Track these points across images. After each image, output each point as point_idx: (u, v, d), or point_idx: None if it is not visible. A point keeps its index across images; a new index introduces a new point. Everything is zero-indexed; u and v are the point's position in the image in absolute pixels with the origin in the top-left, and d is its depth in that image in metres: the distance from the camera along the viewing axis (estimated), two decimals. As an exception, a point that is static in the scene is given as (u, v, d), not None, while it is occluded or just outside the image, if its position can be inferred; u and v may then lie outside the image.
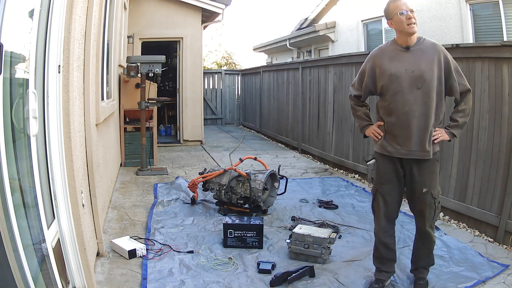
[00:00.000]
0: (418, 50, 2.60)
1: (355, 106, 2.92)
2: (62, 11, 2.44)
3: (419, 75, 2.55)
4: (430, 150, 2.58)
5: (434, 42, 2.65)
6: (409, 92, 2.56)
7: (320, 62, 7.35)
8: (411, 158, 2.61)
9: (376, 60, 2.71)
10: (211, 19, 9.40)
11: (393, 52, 2.66)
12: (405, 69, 2.58)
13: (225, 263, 3.19)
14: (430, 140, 2.58)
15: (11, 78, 1.81)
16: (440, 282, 2.88)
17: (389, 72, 2.62)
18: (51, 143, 2.33)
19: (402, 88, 2.58)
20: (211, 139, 9.79)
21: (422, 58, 2.57)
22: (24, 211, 1.87)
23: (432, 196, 2.63)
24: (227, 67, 21.47)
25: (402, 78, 2.57)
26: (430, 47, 2.61)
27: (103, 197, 3.96)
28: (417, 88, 2.55)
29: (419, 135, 2.57)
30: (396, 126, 2.63)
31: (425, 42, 2.63)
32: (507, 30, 6.84)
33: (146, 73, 6.01)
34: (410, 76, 2.56)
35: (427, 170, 2.62)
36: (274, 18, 44.17)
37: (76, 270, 2.46)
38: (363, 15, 10.40)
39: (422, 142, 2.57)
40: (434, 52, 2.58)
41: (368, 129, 2.82)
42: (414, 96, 2.56)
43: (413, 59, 2.58)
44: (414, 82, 2.55)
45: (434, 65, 2.55)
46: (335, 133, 6.67)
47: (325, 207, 4.59)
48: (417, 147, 2.58)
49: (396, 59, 2.63)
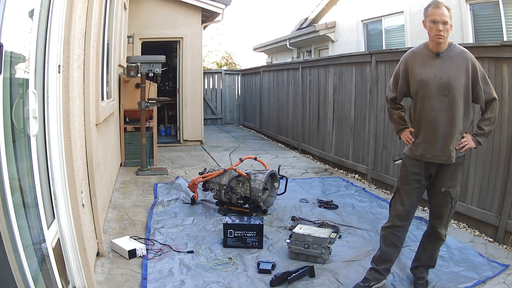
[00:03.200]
0: (447, 57, 2.63)
1: (391, 109, 2.95)
2: (62, 11, 2.44)
3: (446, 82, 2.58)
4: (453, 156, 2.62)
5: (463, 49, 2.67)
6: (436, 98, 2.60)
7: (320, 62, 7.35)
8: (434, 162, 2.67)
9: (408, 63, 2.75)
10: (211, 19, 9.40)
11: (424, 57, 2.69)
12: (434, 75, 2.61)
13: (225, 263, 3.19)
14: (454, 146, 2.62)
15: (11, 78, 1.81)
16: (440, 282, 2.89)
17: (419, 78, 2.66)
18: (51, 143, 2.33)
19: (430, 94, 2.62)
20: (211, 139, 9.80)
21: (450, 65, 2.60)
22: (24, 211, 1.87)
23: (450, 196, 2.68)
24: (227, 67, 21.47)
25: (431, 84, 2.61)
26: (459, 55, 2.63)
27: (103, 197, 3.96)
28: (444, 95, 2.59)
29: (444, 141, 2.61)
30: (423, 131, 2.68)
31: (455, 49, 2.66)
32: (507, 30, 6.84)
33: (146, 73, 6.01)
34: (438, 82, 2.59)
35: (449, 173, 2.68)
36: (274, 18, 44.14)
37: (76, 270, 2.46)
38: (363, 15, 10.40)
39: (446, 148, 2.61)
40: (463, 59, 2.61)
41: (403, 133, 2.86)
42: (441, 103, 2.59)
43: (442, 65, 2.61)
44: (442, 89, 2.59)
45: (462, 73, 2.58)
46: (335, 133, 6.67)
47: (325, 207, 4.59)
48: (441, 152, 2.62)
49: (427, 65, 2.66)
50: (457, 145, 2.63)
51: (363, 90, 5.81)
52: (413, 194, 2.75)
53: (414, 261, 2.92)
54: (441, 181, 2.69)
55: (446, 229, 2.81)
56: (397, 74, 2.83)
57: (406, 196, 2.75)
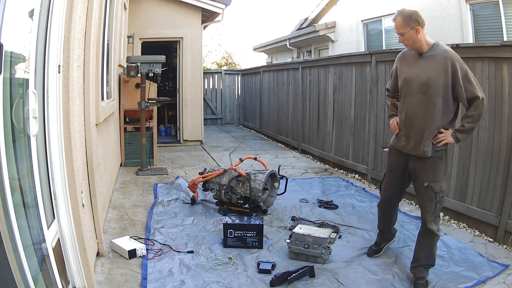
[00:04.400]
0: (429, 56, 2.76)
1: (388, 97, 3.26)
2: (62, 11, 2.44)
3: (425, 81, 2.73)
4: (427, 150, 2.77)
5: (445, 49, 2.75)
6: (416, 96, 2.79)
7: (320, 62, 7.35)
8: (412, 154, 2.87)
9: (398, 62, 2.99)
10: (211, 19, 9.40)
11: (411, 57, 2.87)
12: (416, 74, 2.78)
13: (225, 263, 3.19)
14: (428, 142, 2.77)
15: (11, 78, 1.81)
16: (440, 282, 2.88)
17: (404, 76, 2.87)
18: (51, 143, 2.33)
19: (411, 92, 2.82)
20: (211, 139, 9.79)
21: (431, 64, 2.73)
22: (24, 211, 1.87)
23: (433, 191, 2.79)
24: (227, 67, 21.47)
25: (413, 83, 2.80)
26: (440, 54, 2.73)
27: (103, 197, 3.96)
28: (422, 93, 2.75)
29: (417, 136, 2.80)
30: (404, 125, 2.91)
31: (437, 49, 2.76)
32: (507, 30, 6.84)
33: (146, 73, 6.01)
34: (419, 81, 2.76)
35: (428, 166, 2.81)
36: (274, 18, 44.14)
37: (76, 270, 2.46)
38: (363, 15, 10.40)
39: (419, 143, 2.80)
40: (443, 59, 2.70)
41: (392, 119, 3.10)
42: (419, 101, 2.78)
43: (424, 65, 2.76)
44: (421, 87, 2.75)
45: (440, 73, 2.68)
46: (335, 133, 6.67)
47: (325, 207, 4.59)
48: (417, 146, 2.82)
49: (412, 65, 2.84)
50: (434, 139, 2.77)
51: (363, 90, 5.81)
52: (396, 180, 3.04)
53: (413, 261, 2.96)
54: (423, 175, 2.83)
55: (437, 225, 2.88)
56: (393, 70, 3.09)
57: (391, 181, 3.08)
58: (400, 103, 2.96)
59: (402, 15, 2.73)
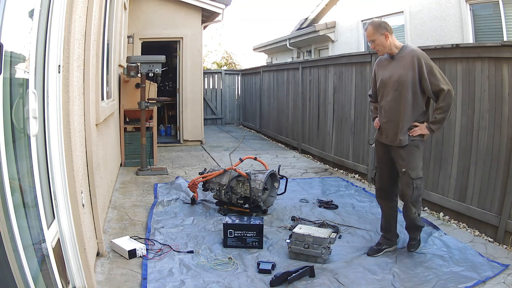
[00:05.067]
0: (399, 58, 3.15)
1: (371, 102, 3.60)
2: (62, 11, 2.44)
3: (396, 79, 3.11)
4: (402, 139, 3.13)
5: (412, 49, 3.13)
6: (391, 93, 3.16)
7: (320, 62, 7.35)
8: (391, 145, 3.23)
9: (376, 68, 3.37)
10: (211, 19, 9.40)
11: (385, 61, 3.27)
12: (389, 75, 3.17)
13: (225, 263, 3.19)
14: (403, 132, 3.13)
15: (11, 78, 1.80)
16: (440, 282, 2.88)
17: (380, 78, 3.25)
18: (51, 143, 2.33)
19: (387, 91, 3.19)
20: (211, 139, 9.80)
21: (400, 64, 3.11)
22: (24, 211, 1.87)
23: (409, 176, 3.13)
24: (227, 67, 21.46)
25: (387, 83, 3.18)
26: (408, 54, 3.10)
27: (103, 197, 3.96)
28: (394, 90, 3.13)
29: (394, 128, 3.17)
30: (382, 120, 3.29)
31: (406, 50, 3.14)
32: (507, 30, 6.84)
33: (146, 73, 6.01)
34: (392, 81, 3.14)
35: (405, 154, 3.17)
36: (274, 18, 44.16)
37: (76, 270, 2.46)
38: (363, 15, 10.40)
39: (395, 134, 3.16)
40: (410, 58, 3.07)
41: (375, 120, 3.47)
42: (393, 97, 3.15)
43: (395, 66, 3.15)
44: (393, 85, 3.13)
45: (408, 70, 3.06)
46: (335, 133, 6.66)
47: (325, 207, 4.59)
48: (393, 137, 3.18)
49: (386, 67, 3.23)
50: (410, 131, 3.13)
51: (363, 90, 5.81)
52: (386, 170, 3.34)
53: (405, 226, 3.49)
54: (400, 162, 3.18)
55: (417, 209, 3.27)
56: (373, 76, 3.46)
57: (382, 172, 3.39)
58: (379, 101, 3.33)
59: (373, 24, 3.14)
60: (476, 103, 3.85)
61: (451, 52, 4.09)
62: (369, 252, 3.37)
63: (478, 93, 3.83)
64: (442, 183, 4.27)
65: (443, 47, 4.21)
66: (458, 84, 4.00)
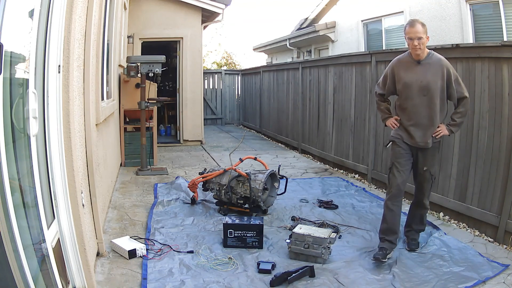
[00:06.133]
0: (427, 64, 3.24)
1: (379, 101, 3.61)
2: (62, 11, 2.44)
3: (425, 85, 3.21)
4: (430, 142, 3.29)
5: (440, 58, 3.26)
6: (417, 97, 3.26)
7: (320, 62, 7.35)
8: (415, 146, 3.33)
9: (395, 68, 3.40)
10: (211, 19, 9.40)
11: (408, 64, 3.32)
12: (415, 79, 3.25)
13: (225, 263, 3.19)
14: (431, 134, 3.28)
15: (11, 78, 1.80)
16: (440, 282, 2.88)
17: (404, 81, 3.30)
18: (51, 143, 2.33)
19: (412, 94, 3.27)
20: (211, 139, 9.79)
21: (429, 71, 3.22)
22: (24, 211, 1.87)
23: (430, 173, 3.37)
24: (227, 67, 21.45)
25: (413, 86, 3.25)
26: (436, 62, 3.24)
27: (103, 197, 3.95)
28: (423, 95, 3.23)
29: (423, 131, 3.28)
30: (407, 122, 3.34)
31: (433, 57, 3.26)
32: (507, 30, 6.84)
33: (146, 73, 6.01)
34: (419, 85, 3.23)
35: (428, 154, 3.35)
36: (274, 18, 44.17)
37: (76, 270, 2.46)
38: (363, 15, 10.39)
39: (425, 136, 3.29)
40: (439, 66, 3.22)
41: (388, 120, 3.52)
42: (421, 101, 3.25)
43: (422, 71, 3.24)
44: (421, 90, 3.23)
45: (438, 77, 3.20)
46: (335, 133, 6.66)
47: (325, 207, 4.59)
48: (421, 139, 3.29)
49: (410, 70, 3.29)
50: (433, 133, 3.28)
51: (363, 90, 5.81)
52: (405, 165, 3.35)
53: (406, 226, 3.57)
54: (422, 161, 3.36)
55: (428, 200, 3.50)
56: (386, 76, 3.47)
57: (401, 167, 3.34)
58: (399, 104, 3.40)
59: (421, 23, 3.18)
60: (476, 103, 3.85)
61: (451, 52, 4.09)
62: (377, 257, 3.13)
63: (478, 93, 3.83)
64: (442, 183, 4.27)
65: (443, 47, 4.21)
66: (458, 84, 4.01)
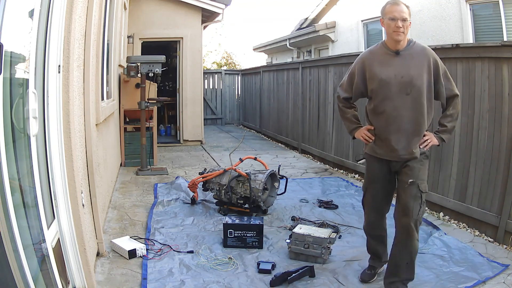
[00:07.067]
0: (407, 54, 2.58)
1: (344, 108, 2.92)
2: (62, 11, 2.44)
3: (408, 80, 2.54)
4: (416, 151, 2.60)
5: (423, 46, 2.63)
6: (398, 97, 2.57)
7: (320, 62, 7.35)
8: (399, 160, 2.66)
9: (366, 63, 2.71)
10: (211, 19, 9.40)
11: (383, 56, 2.65)
12: (394, 74, 2.57)
13: (225, 263, 3.19)
14: (417, 143, 2.60)
15: (11, 78, 1.81)
16: (440, 282, 2.88)
17: (380, 77, 2.61)
18: (51, 143, 2.33)
19: (391, 94, 2.58)
20: (211, 139, 9.79)
21: (411, 63, 2.56)
22: (24, 211, 1.87)
23: (418, 189, 2.59)
24: (227, 67, 21.46)
25: (392, 83, 2.57)
26: (420, 52, 2.59)
27: (103, 197, 3.95)
28: (406, 94, 2.55)
29: (407, 139, 2.59)
30: (385, 130, 2.64)
31: (415, 46, 2.61)
32: (507, 30, 6.84)
33: (146, 73, 6.01)
34: (400, 81, 2.56)
35: (414, 165, 2.62)
36: (274, 18, 44.18)
37: (76, 270, 2.46)
38: (363, 15, 10.39)
39: (410, 146, 2.59)
40: (423, 56, 2.57)
41: (357, 132, 2.83)
42: (403, 102, 2.56)
43: (403, 64, 2.57)
44: (404, 87, 2.55)
45: (423, 70, 2.55)
46: (335, 133, 6.66)
47: (325, 207, 4.59)
48: (405, 150, 2.60)
49: (386, 64, 2.61)
50: (420, 143, 2.61)
51: (363, 90, 5.80)
52: (382, 190, 2.78)
53: (389, 275, 2.68)
54: (408, 173, 2.61)
55: (418, 232, 2.60)
56: (353, 73, 2.81)
57: (376, 193, 2.79)
58: (373, 107, 2.69)
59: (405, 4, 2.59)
60: (476, 103, 3.85)
61: (451, 52, 4.09)
62: (363, 278, 2.89)
63: (478, 93, 3.83)
64: (442, 183, 4.27)
65: (443, 47, 4.20)
66: (458, 84, 4.00)
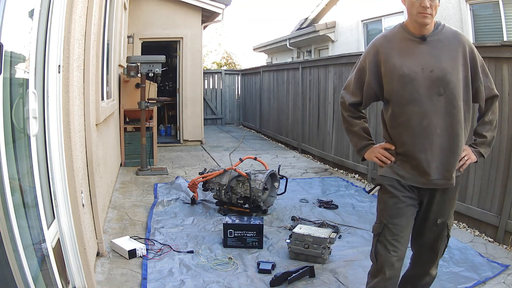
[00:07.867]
0: (437, 41, 1.91)
1: (350, 118, 2.13)
2: (62, 11, 2.44)
3: (440, 76, 1.88)
4: (454, 177, 1.95)
5: (456, 31, 1.98)
6: (428, 99, 1.89)
7: (320, 62, 7.35)
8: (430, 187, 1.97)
9: (382, 52, 1.98)
10: (211, 19, 9.40)
11: (404, 43, 1.94)
12: (421, 68, 1.89)
13: (225, 263, 3.19)
14: (456, 163, 1.94)
15: (11, 78, 1.80)
16: (440, 282, 2.88)
17: (401, 72, 1.91)
18: (51, 143, 2.33)
19: (419, 95, 1.90)
20: (211, 139, 9.79)
21: (442, 52, 1.90)
22: (24, 211, 1.87)
23: (447, 227, 2.08)
24: (227, 67, 21.46)
25: (418, 80, 1.89)
26: (452, 38, 1.93)
27: (103, 197, 3.95)
28: (438, 95, 1.88)
29: (443, 159, 1.91)
30: (412, 147, 1.94)
31: (445, 31, 1.95)
32: (507, 30, 6.85)
33: (146, 73, 6.01)
34: (429, 77, 1.88)
35: (447, 199, 2.01)
36: (274, 18, 44.20)
37: (76, 270, 2.46)
38: (363, 15, 10.40)
39: (446, 168, 1.92)
40: (457, 44, 1.92)
41: (369, 151, 2.11)
42: (435, 105, 1.89)
43: (431, 53, 1.90)
44: (435, 85, 1.88)
45: (458, 62, 1.90)
46: (335, 133, 6.66)
47: (325, 207, 4.59)
48: (441, 174, 1.92)
49: (409, 54, 1.92)
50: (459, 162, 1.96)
51: (363, 90, 5.79)
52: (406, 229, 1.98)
53: None
54: (436, 209, 2.01)
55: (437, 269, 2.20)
56: (362, 69, 2.05)
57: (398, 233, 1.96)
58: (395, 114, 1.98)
59: None
60: (476, 103, 3.84)
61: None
62: None
63: (478, 93, 3.82)
64: (442, 183, 4.26)
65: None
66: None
